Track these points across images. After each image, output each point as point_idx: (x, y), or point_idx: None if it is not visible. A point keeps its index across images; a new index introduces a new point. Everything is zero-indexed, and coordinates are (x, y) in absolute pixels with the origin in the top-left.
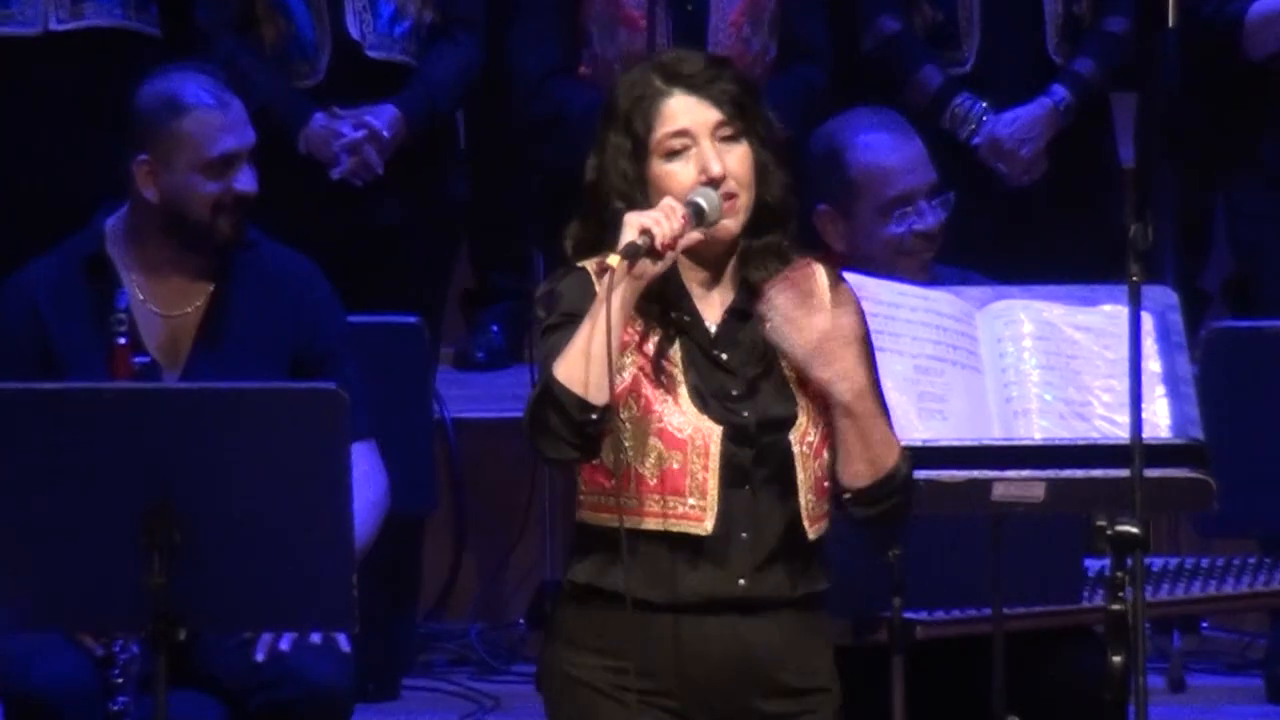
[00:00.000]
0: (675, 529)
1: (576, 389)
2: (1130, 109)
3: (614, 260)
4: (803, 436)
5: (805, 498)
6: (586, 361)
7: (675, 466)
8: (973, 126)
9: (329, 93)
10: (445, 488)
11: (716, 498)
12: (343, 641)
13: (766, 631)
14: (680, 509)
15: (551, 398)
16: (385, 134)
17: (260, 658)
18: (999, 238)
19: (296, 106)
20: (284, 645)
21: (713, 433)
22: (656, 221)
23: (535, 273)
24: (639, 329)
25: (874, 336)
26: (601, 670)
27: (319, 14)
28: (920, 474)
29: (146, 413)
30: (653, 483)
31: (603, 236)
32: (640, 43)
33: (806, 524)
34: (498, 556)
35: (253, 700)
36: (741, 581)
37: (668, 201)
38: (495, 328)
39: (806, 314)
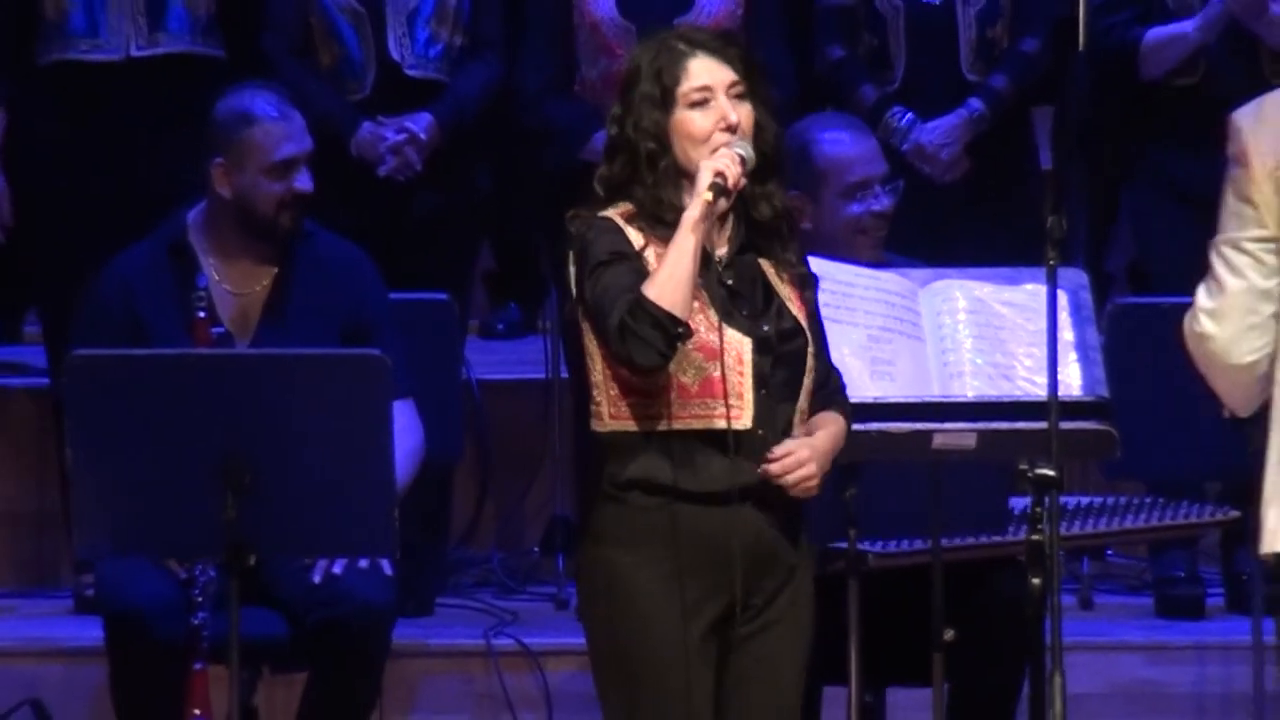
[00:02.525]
0: (718, 426)
1: (669, 306)
2: (1048, 120)
3: (707, 196)
4: (810, 349)
5: (804, 400)
6: (677, 284)
7: (716, 375)
8: (902, 135)
9: (375, 105)
10: (471, 438)
11: (752, 399)
12: (385, 566)
13: (774, 513)
14: (719, 409)
15: (646, 314)
16: (422, 137)
17: (316, 579)
18: (937, 228)
19: (348, 117)
20: (336, 569)
21: (744, 344)
22: (727, 166)
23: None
24: (662, 258)
25: (834, 311)
26: (637, 561)
27: (366, 40)
28: (872, 426)
29: (222, 375)
30: (694, 389)
31: (632, 176)
32: (618, 66)
33: (797, 421)
34: (515, 495)
35: (310, 616)
36: (759, 471)
37: (725, 150)
38: (513, 304)
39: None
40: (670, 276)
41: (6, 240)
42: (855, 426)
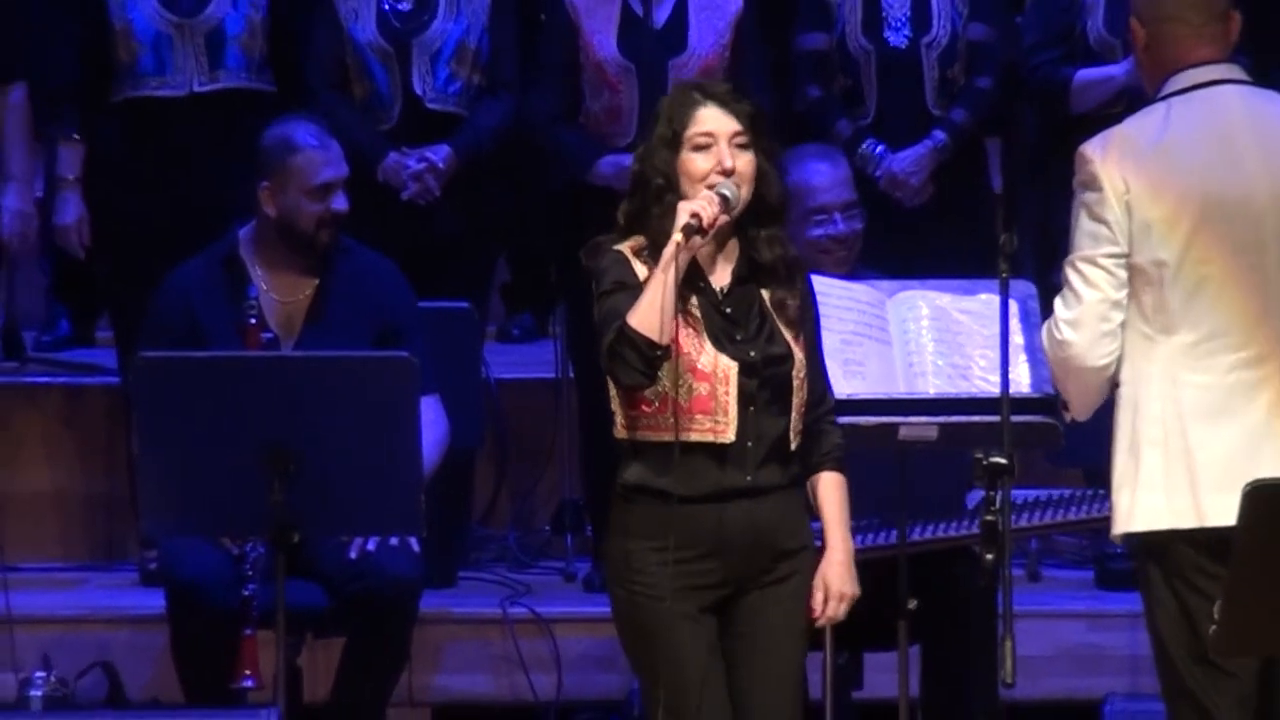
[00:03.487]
0: (705, 440)
1: (648, 332)
2: (999, 149)
3: (678, 237)
4: (797, 372)
5: (794, 416)
6: (654, 312)
7: (704, 393)
8: (875, 164)
9: (400, 135)
10: (489, 430)
11: (735, 415)
12: (413, 543)
13: (767, 510)
14: (707, 425)
15: (628, 340)
16: (440, 166)
17: (353, 555)
18: (905, 245)
19: (376, 146)
20: (370, 546)
21: (732, 367)
22: (703, 207)
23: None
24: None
25: None
26: (652, 555)
27: (393, 77)
28: (845, 419)
29: (270, 375)
30: (687, 406)
31: (646, 208)
32: (618, 101)
33: (792, 436)
34: (528, 481)
35: (347, 588)
36: (748, 478)
37: (706, 192)
38: (526, 312)
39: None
40: (649, 306)
41: (83, 258)
42: None
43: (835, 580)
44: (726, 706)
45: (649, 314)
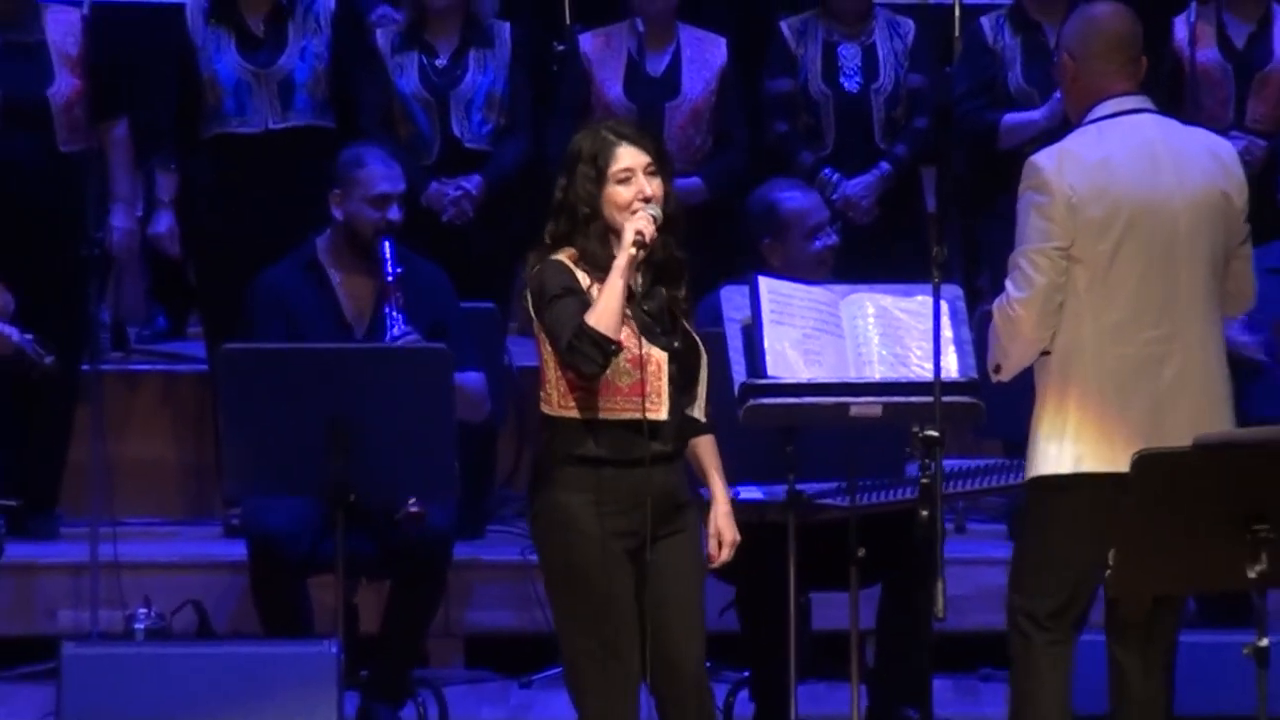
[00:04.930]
0: (637, 417)
1: (605, 330)
2: (933, 176)
3: (631, 251)
4: (700, 357)
5: (700, 392)
6: (610, 314)
7: (639, 379)
8: (832, 189)
9: (439, 169)
10: (512, 408)
11: (667, 396)
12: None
13: (674, 472)
14: (647, 405)
15: (588, 337)
16: (475, 194)
17: (414, 509)
18: (856, 256)
19: (420, 177)
20: (414, 508)
21: (662, 356)
22: (646, 226)
23: None
24: (599, 294)
25: (778, 315)
26: (588, 507)
27: (434, 121)
28: (805, 400)
29: (330, 362)
30: (626, 389)
31: (571, 230)
32: None
33: (696, 411)
34: None
35: (393, 538)
36: (669, 447)
37: (643, 212)
38: None
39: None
40: (606, 309)
41: (176, 265)
42: (792, 400)
43: (726, 530)
44: (637, 638)
45: (605, 315)
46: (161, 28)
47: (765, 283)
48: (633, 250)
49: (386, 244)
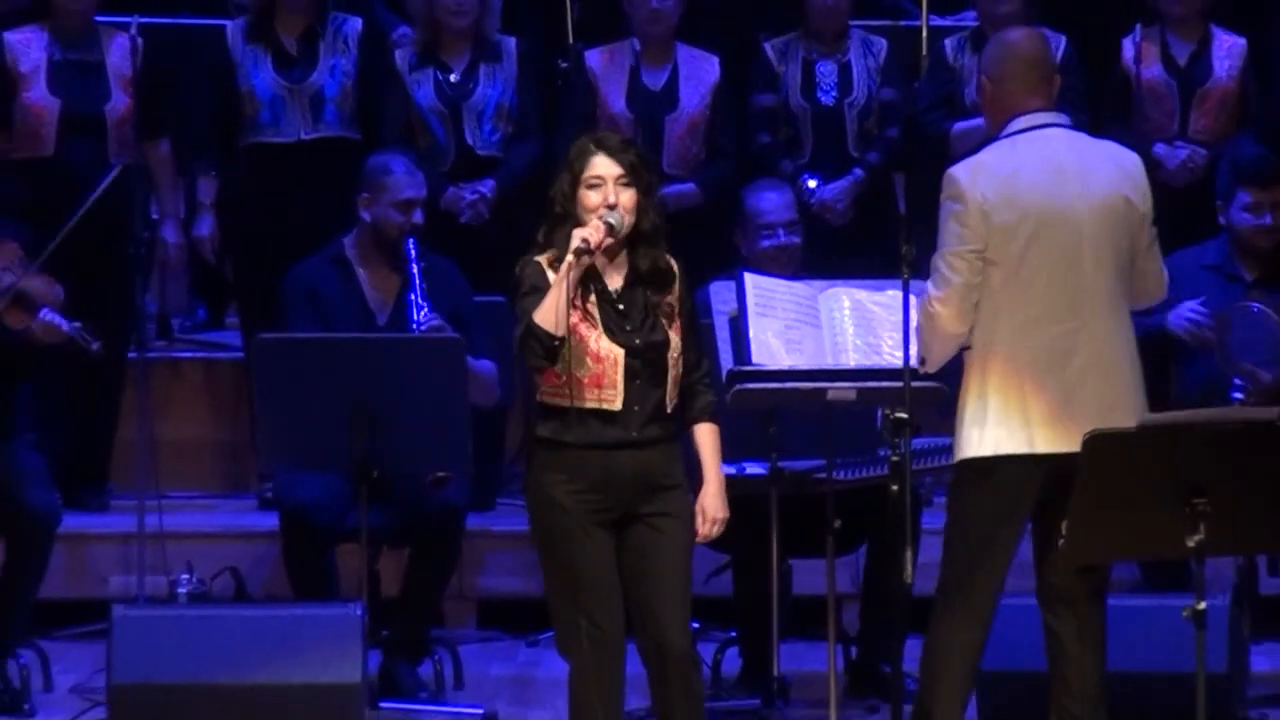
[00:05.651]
0: (601, 406)
1: (548, 327)
2: (903, 182)
3: (570, 258)
4: (672, 354)
5: (669, 388)
6: (552, 312)
7: (599, 372)
8: (810, 195)
9: (454, 175)
10: (519, 391)
11: (622, 388)
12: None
13: (649, 457)
14: (602, 395)
15: (533, 332)
16: (489, 196)
17: (429, 480)
18: (833, 255)
19: (438, 183)
20: (428, 480)
21: (619, 352)
22: (590, 234)
23: None
24: (575, 292)
25: (762, 308)
26: (561, 486)
27: (449, 131)
28: (787, 385)
29: (355, 351)
30: (586, 380)
31: (554, 229)
32: None
33: (668, 403)
34: None
35: (413, 509)
36: (634, 434)
37: (595, 221)
38: None
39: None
40: (546, 307)
41: (215, 263)
42: (775, 385)
43: (710, 507)
44: (620, 599)
45: (546, 313)
46: (203, 45)
47: (750, 278)
48: (571, 258)
49: (411, 243)
